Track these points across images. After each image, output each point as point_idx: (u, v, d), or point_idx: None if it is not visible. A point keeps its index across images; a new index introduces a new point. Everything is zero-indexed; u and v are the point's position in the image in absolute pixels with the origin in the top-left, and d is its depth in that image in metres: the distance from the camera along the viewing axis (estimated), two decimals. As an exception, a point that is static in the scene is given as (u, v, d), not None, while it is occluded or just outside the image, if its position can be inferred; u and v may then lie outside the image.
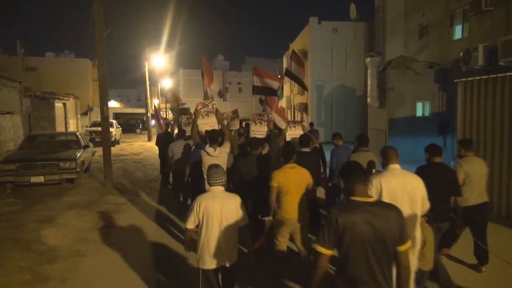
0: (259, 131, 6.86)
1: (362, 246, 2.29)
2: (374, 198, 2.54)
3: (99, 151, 12.39)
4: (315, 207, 6.16)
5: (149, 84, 28.42)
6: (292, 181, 4.08)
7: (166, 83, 43.57)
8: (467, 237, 4.96)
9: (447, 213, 4.21)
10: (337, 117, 22.76)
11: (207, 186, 3.69)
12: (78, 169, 10.41)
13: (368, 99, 15.75)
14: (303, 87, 7.82)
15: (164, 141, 10.39)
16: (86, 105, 30.27)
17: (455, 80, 8.22)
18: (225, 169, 3.75)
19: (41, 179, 9.86)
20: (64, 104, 23.28)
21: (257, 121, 6.98)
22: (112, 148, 13.83)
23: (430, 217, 3.60)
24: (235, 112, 8.55)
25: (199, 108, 6.50)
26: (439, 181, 4.04)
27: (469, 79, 7.82)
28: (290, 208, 4.05)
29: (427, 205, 3.46)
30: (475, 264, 4.85)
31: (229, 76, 54.12)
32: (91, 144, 13.38)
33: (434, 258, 3.64)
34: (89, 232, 6.63)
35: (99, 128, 15.27)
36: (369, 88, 15.64)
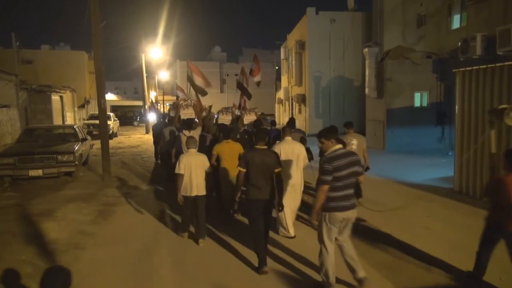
0: (225, 119, 9.70)
1: (256, 168, 4.75)
2: (265, 146, 4.96)
3: (97, 144, 12.35)
4: None
5: (146, 76, 28.27)
6: (227, 151, 6.40)
7: (163, 75, 43.35)
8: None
9: None
10: (335, 108, 22.74)
11: (185, 149, 6.24)
12: (76, 162, 10.39)
13: (366, 90, 15.72)
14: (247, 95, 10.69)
15: (157, 128, 12.41)
16: (83, 98, 30.08)
17: (454, 70, 8.20)
18: (197, 145, 6.22)
19: (39, 172, 9.84)
20: (61, 97, 23.15)
21: (223, 112, 9.98)
22: (110, 141, 13.79)
23: None
24: (210, 107, 11.16)
25: (181, 102, 9.82)
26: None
27: (467, 69, 7.80)
28: (231, 169, 6.22)
29: (306, 162, 5.95)
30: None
31: (226, 67, 53.88)
32: (89, 137, 13.33)
33: None
34: (88, 225, 6.63)
35: (97, 121, 15.22)
36: (367, 78, 15.60)
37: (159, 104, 41.57)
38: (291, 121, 8.31)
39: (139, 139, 23.06)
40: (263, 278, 4.54)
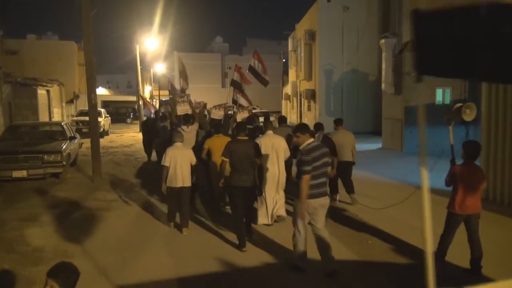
0: (217, 114, 10.48)
1: (239, 157, 5.75)
2: (246, 138, 6.05)
3: (87, 142, 12.41)
4: None
5: (140, 69, 28.37)
6: (218, 145, 6.91)
7: (159, 68, 43.47)
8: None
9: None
10: (348, 105, 22.70)
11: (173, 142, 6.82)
12: (64, 163, 10.45)
13: (383, 85, 15.69)
14: (264, 83, 10.73)
15: (148, 125, 13.61)
16: (71, 92, 30.25)
17: (480, 64, 8.13)
18: (194, 140, 8.37)
19: (23, 173, 9.90)
20: (48, 91, 23.29)
21: (216, 107, 10.81)
22: (101, 140, 13.84)
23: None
24: (205, 104, 12.07)
25: (177, 99, 10.65)
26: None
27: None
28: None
29: (288, 154, 6.80)
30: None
31: (228, 59, 53.59)
32: (77, 135, 13.41)
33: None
34: (76, 231, 6.66)
35: (87, 118, 15.31)
36: (383, 73, 15.57)
37: (154, 100, 41.67)
38: (282, 118, 9.97)
39: (133, 138, 23.17)
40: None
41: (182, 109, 10.09)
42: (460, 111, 5.28)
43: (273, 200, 6.78)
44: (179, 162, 6.44)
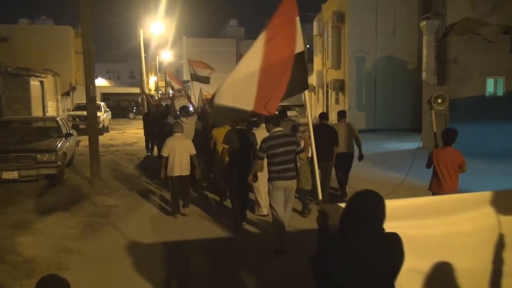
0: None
1: (235, 145, 7.15)
2: (244, 128, 7.54)
3: (84, 140, 12.57)
4: None
5: (144, 57, 28.63)
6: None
7: (166, 56, 43.86)
8: None
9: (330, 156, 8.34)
10: (382, 97, 22.46)
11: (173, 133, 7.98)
12: (59, 163, 10.60)
13: (423, 74, 15.48)
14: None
15: (149, 118, 15.11)
16: (68, 83, 30.79)
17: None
18: (193, 131, 9.60)
19: (14, 175, 10.07)
20: (42, 83, 23.72)
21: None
22: (100, 137, 14.02)
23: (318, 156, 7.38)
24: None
25: (175, 94, 13.42)
26: (324, 135, 8.00)
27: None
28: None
29: None
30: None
31: (244, 45, 53.61)
32: (74, 132, 13.58)
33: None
34: (72, 240, 6.76)
35: (84, 112, 15.50)
36: (424, 60, 15.35)
37: (160, 92, 41.98)
38: (283, 111, 11.11)
39: (136, 135, 23.38)
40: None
41: (180, 103, 11.64)
42: (431, 101, 6.97)
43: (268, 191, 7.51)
44: (178, 151, 7.64)
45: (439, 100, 6.92)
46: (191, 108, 11.85)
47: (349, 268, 2.35)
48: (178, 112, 11.31)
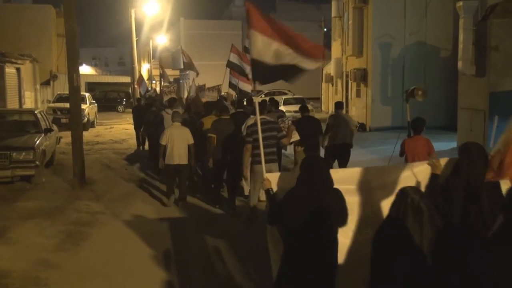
0: (210, 95, 15.33)
1: (222, 135, 8.79)
2: (228, 117, 9.32)
3: (66, 136, 12.63)
4: None
5: (136, 41, 28.71)
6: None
7: (161, 40, 43.95)
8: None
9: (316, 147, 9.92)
10: (411, 90, 22.36)
11: (170, 123, 9.47)
12: (38, 162, 10.65)
13: (459, 64, 15.40)
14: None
15: (139, 110, 16.02)
16: (48, 71, 30.87)
17: None
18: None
19: (-14, 176, 10.15)
20: (18, 70, 23.84)
21: (210, 89, 15.81)
22: (85, 133, 14.11)
23: (305, 148, 9.43)
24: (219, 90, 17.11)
25: (164, 89, 19.10)
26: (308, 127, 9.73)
27: None
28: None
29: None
30: None
31: (251, 29, 53.75)
32: (55, 127, 13.64)
33: None
34: (52, 252, 6.77)
35: (67, 105, 15.55)
36: (460, 46, 15.28)
37: (154, 82, 42.12)
38: (274, 101, 12.48)
39: (125, 131, 23.46)
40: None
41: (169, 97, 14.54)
42: (413, 92, 8.50)
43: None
44: (176, 140, 8.86)
45: (420, 92, 8.47)
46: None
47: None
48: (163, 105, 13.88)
